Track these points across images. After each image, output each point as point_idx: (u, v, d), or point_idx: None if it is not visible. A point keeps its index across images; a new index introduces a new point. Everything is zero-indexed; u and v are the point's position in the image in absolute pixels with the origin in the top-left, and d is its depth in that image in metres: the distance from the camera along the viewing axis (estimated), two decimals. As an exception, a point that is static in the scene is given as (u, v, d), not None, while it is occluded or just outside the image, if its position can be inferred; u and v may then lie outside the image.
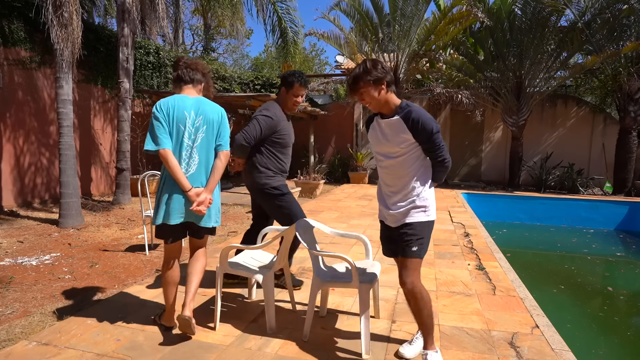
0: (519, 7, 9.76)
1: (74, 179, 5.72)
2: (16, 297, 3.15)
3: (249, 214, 6.81)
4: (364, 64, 2.05)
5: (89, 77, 8.07)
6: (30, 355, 2.23)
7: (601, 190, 10.49)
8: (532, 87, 10.31)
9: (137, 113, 9.23)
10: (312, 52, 26.48)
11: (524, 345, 2.37)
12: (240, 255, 2.86)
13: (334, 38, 10.87)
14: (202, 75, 2.52)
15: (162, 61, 9.94)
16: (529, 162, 11.33)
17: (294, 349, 2.32)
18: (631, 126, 9.65)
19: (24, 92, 6.80)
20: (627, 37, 9.52)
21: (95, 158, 8.36)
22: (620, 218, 8.53)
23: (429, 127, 2.03)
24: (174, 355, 2.25)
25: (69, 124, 5.65)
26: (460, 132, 12.04)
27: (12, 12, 6.49)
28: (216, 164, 2.44)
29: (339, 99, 13.77)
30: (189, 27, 21.21)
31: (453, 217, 6.62)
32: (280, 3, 9.34)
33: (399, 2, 9.97)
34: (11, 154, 6.62)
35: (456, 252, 4.45)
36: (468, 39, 11.29)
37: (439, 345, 2.36)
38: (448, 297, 3.14)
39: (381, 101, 2.08)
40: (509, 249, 5.90)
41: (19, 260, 4.12)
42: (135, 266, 3.97)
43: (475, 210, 7.58)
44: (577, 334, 3.59)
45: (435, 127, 2.05)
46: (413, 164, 2.11)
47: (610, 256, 6.73)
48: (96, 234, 5.26)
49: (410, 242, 2.08)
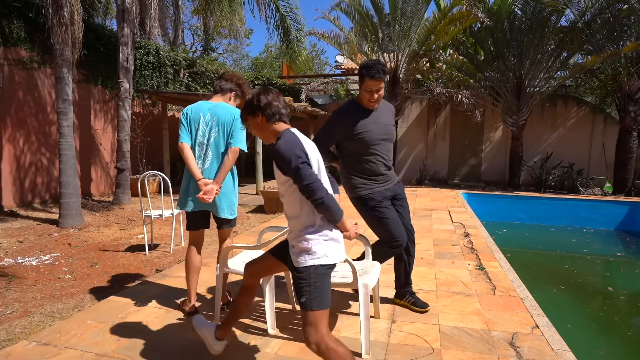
0: (519, 7, 9.75)
1: (74, 179, 5.72)
2: (16, 297, 3.15)
3: (249, 214, 6.81)
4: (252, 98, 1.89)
5: (89, 77, 8.08)
6: (30, 355, 2.23)
7: (601, 190, 10.49)
8: (532, 87, 10.31)
9: (137, 113, 9.23)
10: (312, 52, 26.51)
11: (524, 345, 2.37)
12: (240, 255, 2.87)
13: (334, 38, 10.86)
14: (236, 85, 2.84)
15: (162, 61, 9.94)
16: (529, 162, 11.33)
17: (294, 349, 2.32)
18: (631, 126, 9.64)
19: (24, 92, 6.80)
20: (627, 37, 9.51)
21: (95, 158, 8.37)
22: (620, 218, 8.53)
23: (287, 159, 1.70)
24: (174, 355, 2.25)
25: (69, 124, 5.65)
26: (460, 132, 12.04)
27: (12, 12, 6.49)
28: (224, 159, 2.66)
29: (339, 99, 13.77)
30: (188, 27, 21.23)
31: (453, 217, 6.62)
32: (282, 1, 9.32)
33: (399, 2, 9.97)
34: (11, 154, 6.62)
35: (456, 252, 4.45)
36: (468, 39, 11.28)
37: (439, 345, 2.36)
38: (448, 297, 3.14)
39: (263, 132, 1.89)
40: (509, 249, 5.90)
41: (19, 260, 4.12)
42: (135, 266, 3.97)
43: (475, 210, 7.58)
44: (577, 334, 3.59)
45: (295, 160, 1.69)
46: (296, 203, 1.81)
47: (610, 256, 6.73)
48: (96, 234, 5.26)
49: (299, 290, 1.77)
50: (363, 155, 2.64)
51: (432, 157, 12.29)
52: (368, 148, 2.61)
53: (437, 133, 12.28)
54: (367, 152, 2.63)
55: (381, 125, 2.64)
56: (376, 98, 2.54)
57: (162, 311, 2.81)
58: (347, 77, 14.93)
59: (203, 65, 11.47)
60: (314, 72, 24.62)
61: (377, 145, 2.63)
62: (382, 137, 2.64)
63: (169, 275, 3.59)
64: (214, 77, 11.76)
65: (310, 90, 11.84)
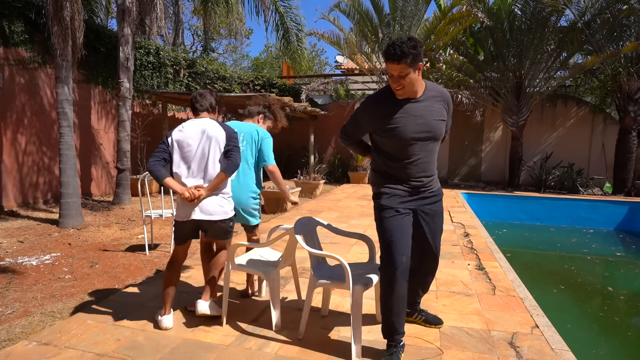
0: (518, 7, 9.76)
1: (74, 179, 5.72)
2: (16, 297, 3.15)
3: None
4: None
5: (89, 77, 8.08)
6: (30, 355, 2.23)
7: (601, 190, 10.49)
8: (532, 87, 10.32)
9: (137, 113, 9.23)
10: (312, 52, 26.50)
11: (524, 345, 2.37)
12: (249, 253, 2.95)
13: (334, 38, 10.87)
14: (264, 107, 3.10)
15: (162, 61, 9.95)
16: (528, 162, 11.33)
17: (294, 349, 2.32)
18: (631, 126, 9.65)
19: (25, 92, 6.80)
20: (627, 37, 9.52)
21: (96, 158, 8.37)
22: (620, 218, 8.54)
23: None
24: (174, 355, 2.25)
25: (69, 124, 5.65)
26: (460, 132, 12.04)
27: (13, 12, 6.49)
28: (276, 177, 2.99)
29: (339, 99, 13.78)
30: (188, 27, 21.22)
31: (453, 217, 6.62)
32: (282, 1, 9.30)
33: (399, 2, 9.97)
34: (12, 153, 6.62)
35: (456, 252, 4.45)
36: (468, 39, 11.29)
37: (439, 345, 2.36)
38: (448, 297, 3.14)
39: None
40: (509, 249, 5.90)
41: (19, 260, 4.12)
42: (135, 266, 3.97)
43: (475, 210, 7.59)
44: (577, 334, 3.59)
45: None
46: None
47: (610, 256, 6.73)
48: (96, 234, 5.26)
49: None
50: (394, 155, 2.15)
51: (432, 157, 12.27)
52: (400, 147, 2.11)
53: (437, 133, 12.26)
54: (400, 152, 2.13)
55: (420, 119, 2.08)
56: (402, 85, 2.00)
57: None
58: (347, 77, 14.92)
59: (203, 65, 11.47)
60: (314, 72, 24.62)
61: (412, 146, 2.10)
62: (418, 135, 2.08)
63: (169, 275, 3.59)
64: (214, 77, 11.77)
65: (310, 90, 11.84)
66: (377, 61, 11.39)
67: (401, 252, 2.07)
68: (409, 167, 2.14)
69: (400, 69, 1.94)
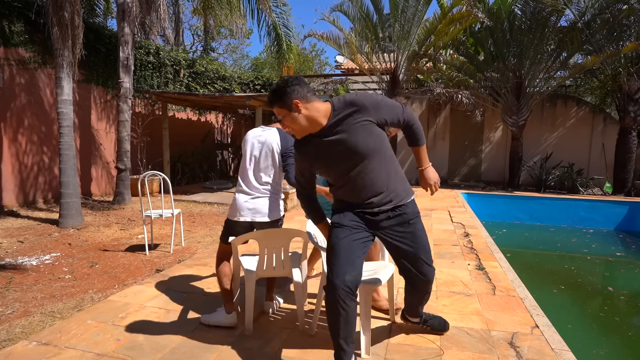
0: (518, 7, 9.76)
1: (74, 178, 5.72)
2: (16, 297, 3.15)
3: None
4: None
5: (89, 77, 8.08)
6: (30, 355, 2.23)
7: (601, 190, 10.49)
8: (532, 87, 10.32)
9: (137, 113, 9.23)
10: (312, 52, 26.47)
11: (524, 345, 2.37)
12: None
13: (333, 39, 10.87)
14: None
15: (162, 61, 9.95)
16: (528, 162, 11.33)
17: (294, 349, 2.32)
18: (631, 126, 9.65)
19: (25, 92, 6.81)
20: (627, 37, 9.52)
21: (96, 158, 8.37)
22: (620, 218, 8.54)
23: None
24: (174, 355, 2.25)
25: (69, 124, 5.65)
26: (460, 132, 12.05)
27: (13, 13, 6.50)
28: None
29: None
30: (188, 27, 21.22)
31: (453, 217, 6.62)
32: (276, 7, 9.28)
33: (400, 3, 9.98)
34: (12, 153, 6.63)
35: (456, 252, 4.45)
36: (468, 39, 11.29)
37: (439, 344, 2.36)
38: (448, 297, 3.14)
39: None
40: (509, 249, 5.90)
41: (19, 260, 4.12)
42: (135, 266, 3.97)
43: (475, 210, 7.59)
44: (577, 334, 3.59)
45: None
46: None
47: (610, 256, 6.73)
48: (96, 234, 5.26)
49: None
50: (334, 182, 2.08)
51: (432, 157, 12.16)
52: (335, 177, 2.03)
53: (437, 133, 12.28)
54: (337, 180, 2.04)
55: (339, 146, 1.91)
56: (286, 126, 1.98)
57: (162, 311, 2.82)
58: (347, 77, 14.92)
59: (203, 65, 11.47)
60: (314, 72, 24.61)
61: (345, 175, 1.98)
62: (345, 164, 1.95)
63: (169, 275, 3.59)
64: (214, 77, 11.77)
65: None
66: (377, 61, 11.40)
67: (343, 271, 1.90)
68: (351, 189, 2.00)
69: (277, 112, 1.94)
